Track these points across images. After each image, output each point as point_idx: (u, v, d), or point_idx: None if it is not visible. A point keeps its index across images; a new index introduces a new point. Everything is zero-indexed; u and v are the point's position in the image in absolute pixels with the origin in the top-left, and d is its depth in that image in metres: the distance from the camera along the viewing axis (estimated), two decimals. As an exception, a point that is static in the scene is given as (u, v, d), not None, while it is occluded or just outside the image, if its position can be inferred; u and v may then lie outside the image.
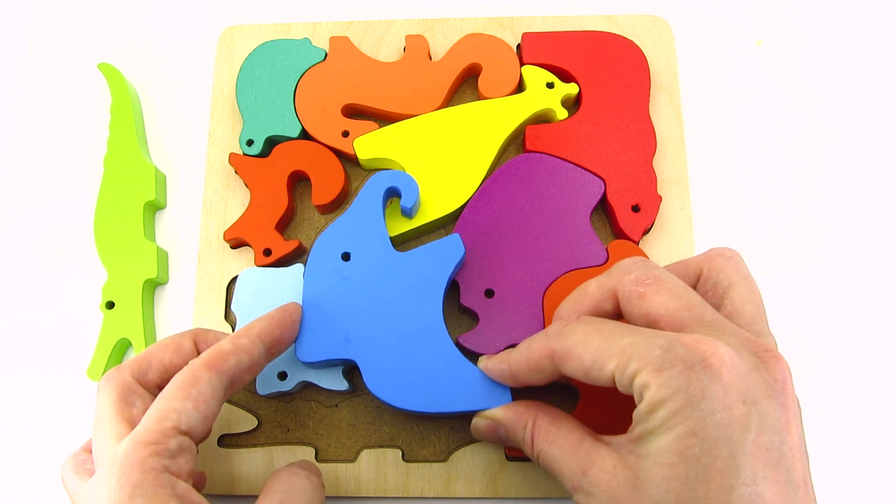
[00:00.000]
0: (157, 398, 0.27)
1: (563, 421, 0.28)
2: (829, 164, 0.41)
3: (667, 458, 0.23)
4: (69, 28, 0.46)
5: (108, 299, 0.38)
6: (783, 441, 0.23)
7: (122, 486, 0.24)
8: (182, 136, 0.43)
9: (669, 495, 0.23)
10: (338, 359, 0.33)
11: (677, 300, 0.26)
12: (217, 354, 0.28)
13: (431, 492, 0.35)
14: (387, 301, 0.34)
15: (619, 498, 0.24)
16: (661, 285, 0.26)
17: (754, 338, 0.25)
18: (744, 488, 0.22)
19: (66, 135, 0.43)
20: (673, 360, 0.24)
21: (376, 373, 0.33)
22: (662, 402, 0.23)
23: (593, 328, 0.26)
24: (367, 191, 0.35)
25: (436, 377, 0.32)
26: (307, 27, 0.43)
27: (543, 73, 0.40)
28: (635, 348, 0.24)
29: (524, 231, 0.37)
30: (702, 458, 0.23)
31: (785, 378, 0.24)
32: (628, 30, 0.42)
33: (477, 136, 0.38)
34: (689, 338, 0.24)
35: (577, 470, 0.26)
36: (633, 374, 0.24)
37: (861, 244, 0.40)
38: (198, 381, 0.27)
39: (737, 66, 0.43)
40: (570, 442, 0.27)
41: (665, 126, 0.40)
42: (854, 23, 0.44)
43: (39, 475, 0.37)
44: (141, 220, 0.40)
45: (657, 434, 0.24)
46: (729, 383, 0.23)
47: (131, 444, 0.25)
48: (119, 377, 0.28)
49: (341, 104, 0.40)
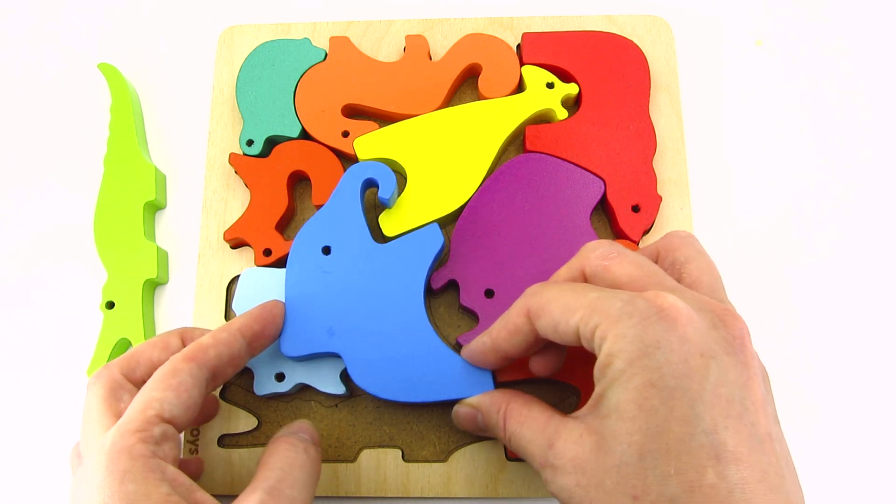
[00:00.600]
0: (141, 390, 0.27)
1: (534, 404, 0.29)
2: (828, 164, 0.41)
3: (627, 412, 0.23)
4: (70, 27, 0.46)
5: (108, 299, 0.38)
6: (745, 396, 0.23)
7: (112, 472, 0.24)
8: (182, 136, 0.43)
9: (632, 449, 0.23)
10: (322, 352, 0.34)
11: (639, 269, 0.27)
12: (197, 347, 0.29)
13: (431, 492, 0.35)
14: (368, 293, 0.34)
15: (583, 464, 0.24)
16: (624, 258, 0.27)
17: (712, 300, 0.26)
18: (705, 437, 0.22)
19: (67, 134, 0.43)
20: (630, 312, 0.24)
21: (360, 364, 0.33)
22: (618, 352, 0.24)
23: (566, 287, 0.27)
24: (345, 183, 0.36)
25: (419, 367, 0.33)
26: (307, 27, 0.43)
27: (543, 73, 0.40)
28: (599, 302, 0.25)
29: (524, 231, 0.37)
30: (660, 409, 0.23)
31: (743, 336, 0.24)
32: (628, 30, 0.42)
33: (477, 136, 0.38)
34: (649, 293, 0.24)
35: (544, 445, 0.26)
36: (594, 327, 0.24)
37: (861, 243, 0.40)
38: (178, 373, 0.27)
39: (737, 67, 0.43)
40: (538, 421, 0.27)
41: (665, 126, 0.40)
42: (854, 22, 0.44)
43: (39, 474, 0.37)
44: (141, 220, 0.40)
45: (615, 387, 0.24)
46: (685, 335, 0.23)
47: (117, 433, 0.25)
48: (107, 374, 0.29)
49: (341, 104, 0.40)
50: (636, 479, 0.23)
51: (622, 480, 0.23)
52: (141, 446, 0.25)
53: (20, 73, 0.45)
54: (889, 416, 0.37)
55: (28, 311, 0.40)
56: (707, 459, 0.22)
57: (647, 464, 0.23)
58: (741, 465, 0.22)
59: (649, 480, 0.22)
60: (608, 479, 0.23)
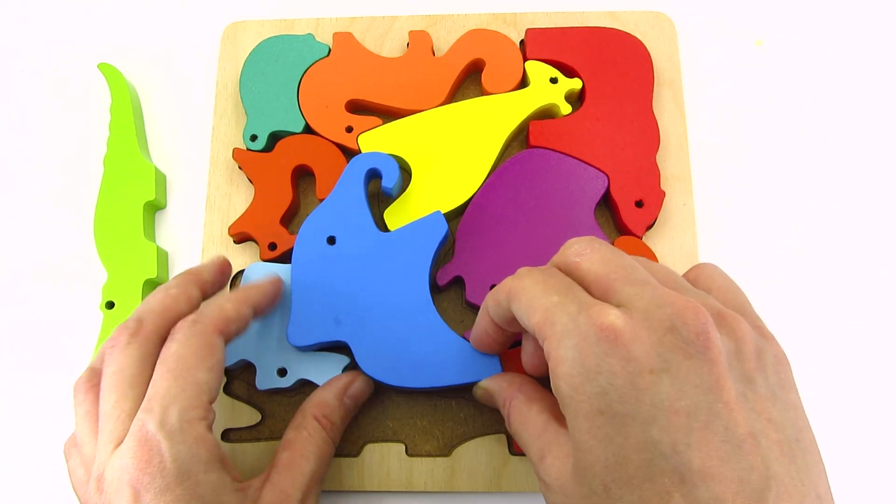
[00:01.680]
0: (181, 366, 0.27)
1: (535, 402, 0.27)
2: (831, 161, 0.41)
3: (584, 443, 0.22)
4: (71, 24, 0.46)
5: (108, 299, 0.38)
6: (713, 399, 0.21)
7: (191, 457, 0.26)
8: (185, 132, 0.43)
9: (597, 481, 0.22)
10: (329, 341, 0.34)
11: (605, 265, 0.24)
12: (225, 321, 0.29)
13: (435, 486, 0.35)
14: (374, 281, 0.34)
15: (565, 488, 0.23)
16: (594, 254, 0.25)
17: (673, 293, 0.23)
18: (664, 461, 0.21)
19: (68, 134, 0.43)
20: (571, 331, 0.22)
21: (368, 352, 0.34)
22: (563, 376, 0.22)
23: (542, 278, 0.25)
24: (349, 174, 0.36)
25: (426, 353, 0.33)
26: (310, 23, 0.43)
27: (547, 68, 0.40)
28: (553, 311, 0.23)
29: (529, 226, 0.37)
30: (615, 438, 0.21)
31: (706, 332, 0.22)
32: (631, 26, 0.42)
33: (481, 131, 0.39)
34: (596, 308, 0.23)
35: (537, 455, 0.25)
36: (543, 338, 0.23)
37: (863, 240, 0.40)
38: (214, 350, 0.28)
39: (740, 62, 0.43)
40: (535, 426, 0.26)
41: (668, 122, 0.40)
42: (856, 19, 0.44)
43: (39, 474, 0.37)
44: (141, 220, 0.40)
45: (568, 413, 0.23)
46: (629, 354, 0.22)
47: (182, 417, 0.26)
48: (145, 337, 0.28)
49: (345, 100, 0.40)
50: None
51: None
52: (208, 434, 0.26)
53: (22, 71, 0.45)
54: (889, 416, 0.37)
55: (28, 311, 0.40)
56: (671, 484, 0.20)
57: (613, 495, 0.21)
58: (711, 481, 0.20)
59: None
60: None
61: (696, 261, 0.38)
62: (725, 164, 0.41)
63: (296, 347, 0.35)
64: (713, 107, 0.42)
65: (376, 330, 0.34)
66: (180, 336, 0.28)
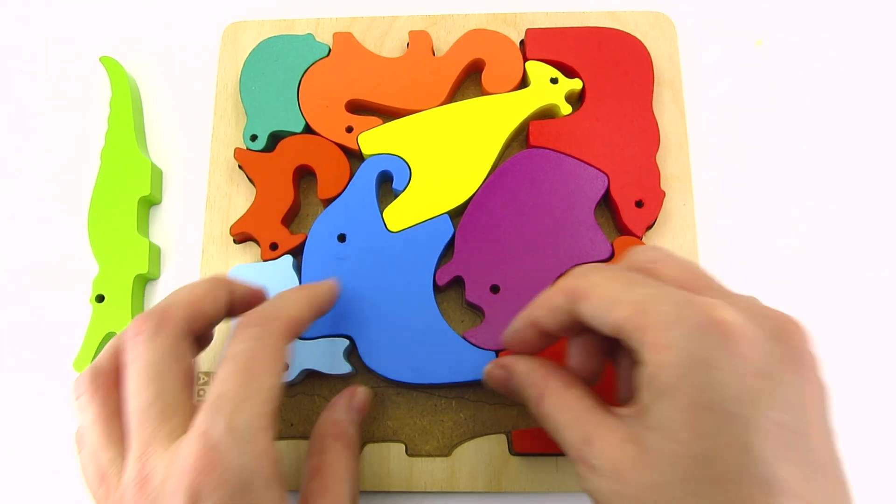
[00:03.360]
0: (253, 368, 0.25)
1: (574, 388, 0.26)
2: (831, 160, 0.41)
3: (675, 432, 0.21)
4: (72, 24, 0.46)
5: (98, 293, 0.38)
6: (803, 419, 0.21)
7: (256, 469, 0.24)
8: (185, 132, 0.43)
9: (678, 472, 0.21)
10: (335, 334, 0.35)
11: (690, 273, 0.24)
12: (296, 323, 0.28)
13: (435, 486, 0.35)
14: (381, 279, 0.36)
15: (623, 474, 0.22)
16: (671, 260, 0.25)
17: (772, 308, 0.23)
18: (757, 468, 0.20)
19: (67, 129, 0.43)
20: (682, 321, 0.22)
21: (371, 347, 0.35)
22: (668, 365, 0.22)
23: (615, 274, 0.25)
24: (361, 175, 0.38)
25: (427, 350, 0.35)
26: (311, 23, 0.43)
27: (547, 68, 0.40)
28: (649, 300, 0.23)
29: (529, 226, 0.37)
30: (712, 434, 0.21)
31: (807, 348, 0.22)
32: (631, 26, 0.42)
33: (481, 131, 0.39)
34: (704, 300, 0.22)
35: (580, 439, 0.24)
36: (640, 330, 0.22)
37: (863, 240, 0.40)
38: (282, 354, 0.26)
39: (740, 62, 0.43)
40: (577, 409, 0.25)
41: (668, 122, 0.40)
42: (856, 19, 0.44)
43: (26, 467, 0.38)
44: (134, 215, 0.40)
45: (663, 402, 0.22)
46: (742, 353, 0.21)
47: (252, 424, 0.24)
48: (173, 329, 0.26)
49: (345, 100, 0.40)
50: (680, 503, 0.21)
51: (665, 502, 0.21)
52: (272, 448, 0.24)
53: (23, 65, 0.45)
54: (889, 416, 0.37)
55: (19, 303, 0.40)
56: (758, 493, 0.20)
57: (692, 489, 0.21)
58: (795, 500, 0.20)
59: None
60: (649, 497, 0.22)
61: (697, 261, 0.38)
62: (725, 164, 0.41)
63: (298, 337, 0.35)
64: (713, 107, 0.42)
65: (380, 326, 0.35)
66: (252, 333, 0.26)
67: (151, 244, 0.40)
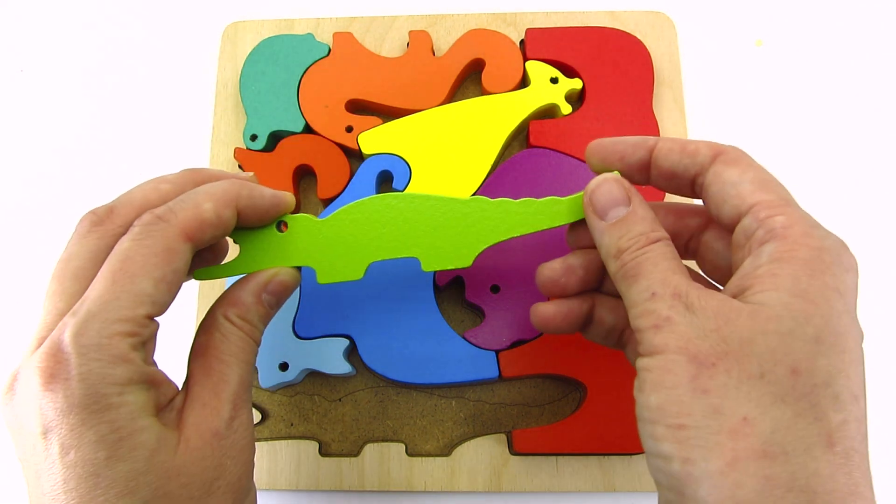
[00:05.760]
0: (125, 269, 0.23)
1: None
2: (831, 160, 0.41)
3: (787, 298, 0.21)
4: (72, 24, 0.46)
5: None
6: (856, 349, 0.22)
7: (104, 377, 0.22)
8: (185, 131, 0.43)
9: (809, 330, 0.20)
10: (335, 334, 0.35)
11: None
12: (197, 222, 0.24)
13: (435, 486, 0.35)
14: (381, 280, 0.36)
15: (728, 314, 0.21)
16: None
17: None
18: (838, 381, 0.20)
19: (67, 126, 0.43)
20: (817, 225, 0.23)
21: (371, 347, 0.35)
22: (796, 242, 0.22)
23: (764, 169, 0.25)
24: (362, 174, 0.38)
25: (427, 350, 0.35)
26: (311, 23, 0.43)
27: (547, 68, 0.40)
28: (793, 202, 0.24)
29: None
30: (819, 314, 0.21)
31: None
32: (631, 26, 0.42)
33: (481, 131, 0.39)
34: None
35: (682, 282, 0.23)
36: (772, 212, 0.23)
37: (864, 241, 0.40)
38: (174, 256, 0.23)
39: (740, 62, 0.43)
40: (677, 269, 0.23)
41: (668, 122, 0.40)
42: (856, 19, 0.44)
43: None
44: None
45: (781, 268, 0.21)
46: (852, 285, 0.22)
47: (103, 331, 0.22)
48: (108, 234, 0.24)
49: (345, 99, 0.40)
50: (801, 353, 0.20)
51: (781, 349, 0.20)
52: (131, 353, 0.22)
53: (22, 70, 0.45)
54: (891, 416, 0.37)
55: (26, 294, 0.40)
56: (846, 398, 0.20)
57: (820, 349, 0.20)
58: (855, 405, 0.21)
59: (819, 363, 0.20)
60: (762, 341, 0.20)
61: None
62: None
63: (298, 337, 0.35)
64: (713, 107, 0.42)
65: (381, 326, 0.35)
66: (136, 232, 0.23)
67: None
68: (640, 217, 0.25)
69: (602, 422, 0.34)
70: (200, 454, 0.23)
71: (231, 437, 0.24)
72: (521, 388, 0.37)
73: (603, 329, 0.29)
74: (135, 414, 0.22)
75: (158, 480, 0.22)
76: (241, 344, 0.26)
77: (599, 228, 0.26)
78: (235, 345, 0.26)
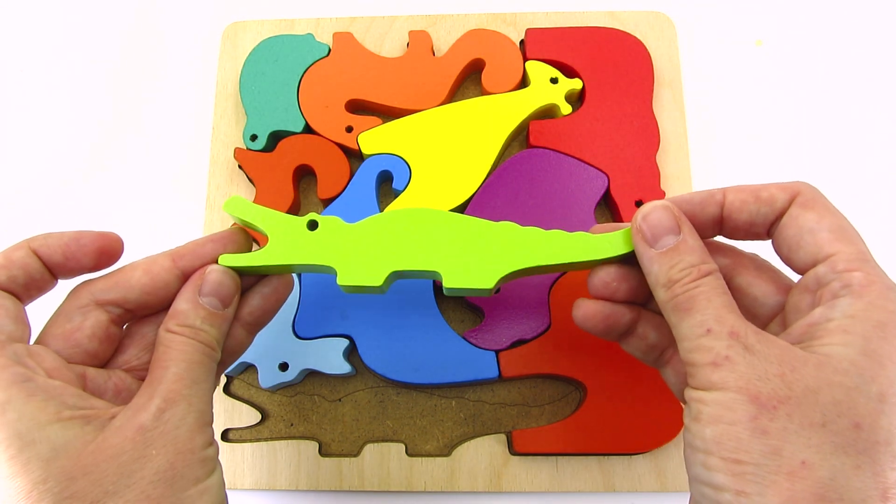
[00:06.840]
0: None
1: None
2: (831, 160, 0.41)
3: (851, 349, 0.21)
4: (72, 24, 0.46)
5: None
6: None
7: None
8: (185, 132, 0.43)
9: (874, 388, 0.21)
10: (335, 334, 0.35)
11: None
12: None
13: (435, 486, 0.35)
14: None
15: (793, 363, 0.21)
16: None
17: None
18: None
19: (67, 125, 0.43)
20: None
21: (371, 347, 0.35)
22: (868, 300, 0.22)
23: (843, 216, 0.25)
24: (361, 174, 0.38)
25: (427, 350, 0.35)
26: (311, 23, 0.43)
27: (547, 68, 0.40)
28: (868, 254, 0.24)
29: (529, 226, 0.37)
30: (881, 368, 0.21)
31: None
32: (631, 26, 0.42)
33: (481, 131, 0.39)
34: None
35: (739, 321, 0.23)
36: (852, 270, 0.23)
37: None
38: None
39: (740, 62, 0.43)
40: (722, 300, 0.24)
41: (668, 122, 0.40)
42: (856, 19, 0.44)
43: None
44: None
45: (850, 322, 0.22)
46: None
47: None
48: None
49: (345, 99, 0.40)
50: (865, 409, 0.21)
51: (846, 402, 0.21)
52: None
53: (22, 70, 0.45)
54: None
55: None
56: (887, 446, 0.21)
57: (883, 408, 0.21)
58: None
59: (882, 421, 0.21)
60: (828, 392, 0.21)
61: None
62: (724, 164, 0.41)
63: (298, 337, 0.35)
64: (713, 107, 0.42)
65: (381, 326, 0.35)
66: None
67: None
68: (691, 247, 0.25)
69: (602, 422, 0.34)
70: (116, 450, 0.23)
71: (160, 427, 0.24)
72: (520, 388, 0.37)
73: (644, 344, 0.29)
74: (30, 425, 0.23)
75: (59, 485, 0.22)
76: (181, 347, 0.26)
77: (649, 256, 0.26)
78: (175, 349, 0.26)
